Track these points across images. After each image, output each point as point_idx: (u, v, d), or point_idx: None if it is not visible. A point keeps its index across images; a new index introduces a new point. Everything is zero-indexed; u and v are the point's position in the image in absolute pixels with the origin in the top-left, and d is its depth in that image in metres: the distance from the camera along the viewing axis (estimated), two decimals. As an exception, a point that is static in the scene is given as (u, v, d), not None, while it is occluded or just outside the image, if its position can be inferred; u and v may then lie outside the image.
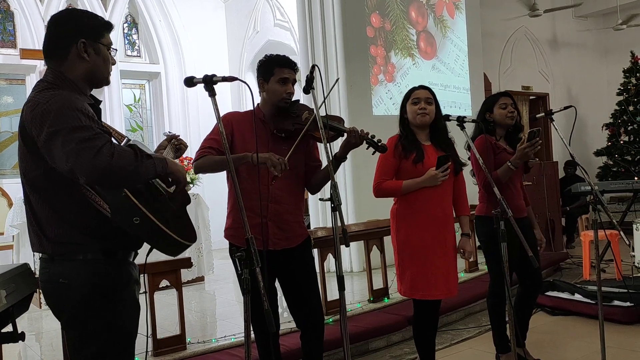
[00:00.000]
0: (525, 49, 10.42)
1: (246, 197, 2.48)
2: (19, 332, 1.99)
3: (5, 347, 2.53)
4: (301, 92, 2.62)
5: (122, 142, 2.15)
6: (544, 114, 3.33)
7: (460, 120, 2.98)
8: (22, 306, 2.02)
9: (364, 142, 2.63)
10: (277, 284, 2.82)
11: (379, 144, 2.66)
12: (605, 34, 11.48)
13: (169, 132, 2.26)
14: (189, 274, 6.02)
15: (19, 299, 1.95)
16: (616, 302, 4.40)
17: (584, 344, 3.89)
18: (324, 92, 2.40)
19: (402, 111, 3.13)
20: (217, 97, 1.98)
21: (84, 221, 1.78)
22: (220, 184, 2.92)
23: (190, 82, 2.04)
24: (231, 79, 1.98)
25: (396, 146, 3.01)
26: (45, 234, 1.79)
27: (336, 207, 2.19)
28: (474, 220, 3.57)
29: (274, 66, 2.72)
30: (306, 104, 2.85)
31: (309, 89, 2.40)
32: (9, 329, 1.99)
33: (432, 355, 3.15)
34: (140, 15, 9.27)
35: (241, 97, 9.36)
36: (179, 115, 9.37)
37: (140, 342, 1.96)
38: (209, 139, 2.72)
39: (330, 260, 4.55)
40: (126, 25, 9.30)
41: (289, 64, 2.74)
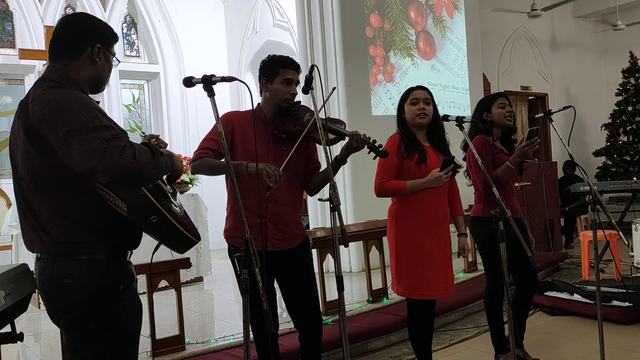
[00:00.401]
0: (524, 49, 10.42)
1: (245, 198, 2.46)
2: (18, 332, 1.99)
3: (4, 347, 2.53)
4: (300, 93, 2.62)
5: None
6: (543, 114, 3.33)
7: (459, 120, 2.98)
8: (21, 306, 2.02)
9: (366, 146, 2.63)
10: (276, 285, 2.82)
11: (381, 149, 2.66)
12: (604, 34, 11.49)
13: (143, 134, 2.25)
14: (187, 274, 6.02)
15: (17, 299, 1.94)
16: (615, 302, 4.41)
17: (582, 344, 3.89)
18: (323, 92, 2.40)
19: (399, 111, 3.12)
20: (216, 97, 1.97)
21: (89, 220, 1.77)
22: (219, 184, 2.92)
23: (189, 82, 2.04)
24: (230, 79, 1.98)
25: (399, 146, 3.01)
26: (48, 233, 1.78)
27: (335, 207, 2.19)
28: (470, 221, 3.57)
29: (278, 67, 2.71)
30: (307, 106, 2.85)
31: (308, 89, 2.40)
32: (8, 329, 1.98)
33: (429, 355, 3.15)
34: (139, 15, 9.27)
35: (240, 98, 9.36)
36: (178, 115, 9.36)
37: (140, 343, 1.96)
38: (208, 140, 2.71)
39: (329, 260, 4.55)
40: (125, 25, 9.29)
41: (293, 65, 2.74)
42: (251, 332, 2.64)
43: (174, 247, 1.90)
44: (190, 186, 6.56)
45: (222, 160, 2.64)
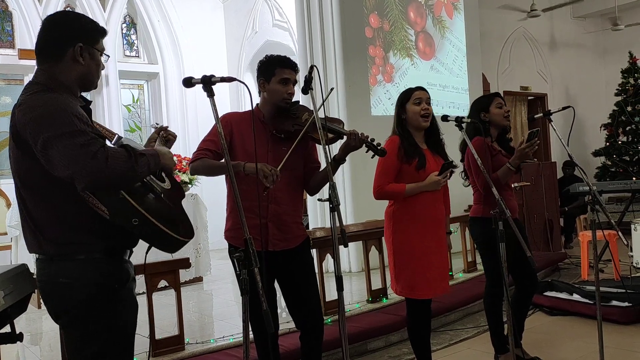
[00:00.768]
0: (523, 50, 10.42)
1: (246, 198, 2.46)
2: (17, 332, 1.99)
3: (3, 347, 2.53)
4: (300, 93, 2.62)
5: (112, 140, 2.14)
6: (542, 115, 3.34)
7: (458, 120, 2.98)
8: (20, 307, 2.02)
9: (364, 145, 2.63)
10: (276, 285, 2.82)
11: (379, 148, 2.66)
12: (603, 34, 11.49)
13: (156, 124, 2.24)
14: (186, 274, 6.02)
15: (17, 300, 1.94)
16: (614, 302, 4.41)
17: (582, 344, 3.89)
18: (322, 93, 2.40)
19: (399, 111, 3.09)
20: (215, 97, 1.97)
21: (84, 221, 1.77)
22: (218, 184, 2.92)
23: (188, 82, 2.04)
24: (230, 79, 1.98)
25: (399, 149, 3.00)
26: (43, 234, 1.78)
27: (335, 207, 2.20)
28: (469, 221, 3.57)
29: (275, 66, 2.71)
30: (306, 105, 2.85)
31: (307, 89, 2.40)
32: (7, 329, 1.98)
33: (428, 355, 3.16)
34: (138, 15, 9.27)
35: (240, 98, 9.36)
36: (178, 115, 9.36)
37: (140, 343, 1.96)
38: (207, 140, 2.71)
39: (328, 260, 4.55)
40: (125, 25, 9.29)
41: (290, 65, 2.73)
42: (251, 332, 2.64)
43: (162, 248, 1.87)
44: (189, 186, 6.56)
45: (222, 160, 2.64)
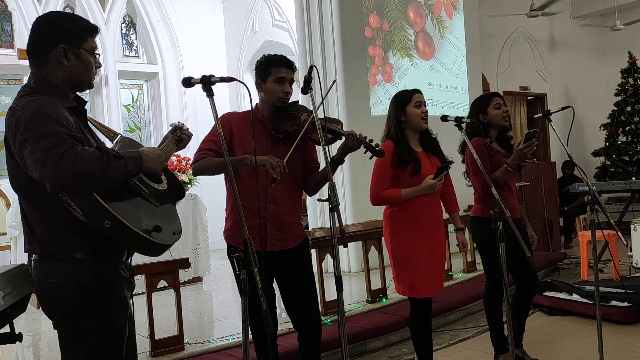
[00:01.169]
0: (523, 50, 10.43)
1: (245, 198, 2.47)
2: (17, 332, 1.99)
3: (3, 347, 2.53)
4: (299, 93, 2.62)
5: (114, 140, 2.14)
6: (542, 115, 3.33)
7: (458, 120, 2.99)
8: (19, 307, 2.02)
9: (362, 146, 2.63)
10: (275, 285, 2.82)
11: (377, 149, 2.66)
12: (603, 34, 11.50)
13: (177, 123, 2.21)
14: (186, 275, 6.01)
15: (16, 300, 1.94)
16: (614, 302, 4.41)
17: (581, 344, 3.89)
18: (322, 93, 2.40)
19: (398, 114, 3.08)
20: (215, 97, 1.97)
21: (69, 221, 1.77)
22: (218, 184, 2.92)
23: (188, 82, 2.04)
24: (229, 79, 1.98)
25: (393, 155, 3.01)
26: (34, 234, 1.81)
27: (334, 207, 2.20)
28: (469, 221, 3.58)
29: (271, 66, 2.72)
30: (305, 105, 2.85)
31: (307, 89, 2.40)
32: (6, 329, 1.98)
33: (430, 355, 3.16)
34: (138, 15, 9.26)
35: (239, 98, 9.35)
36: (177, 115, 9.34)
37: (139, 343, 1.96)
38: (207, 141, 2.72)
39: (328, 260, 4.55)
40: (124, 25, 9.28)
41: (286, 64, 2.73)
42: (250, 333, 2.64)
43: (140, 251, 1.83)
44: (189, 186, 6.55)
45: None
